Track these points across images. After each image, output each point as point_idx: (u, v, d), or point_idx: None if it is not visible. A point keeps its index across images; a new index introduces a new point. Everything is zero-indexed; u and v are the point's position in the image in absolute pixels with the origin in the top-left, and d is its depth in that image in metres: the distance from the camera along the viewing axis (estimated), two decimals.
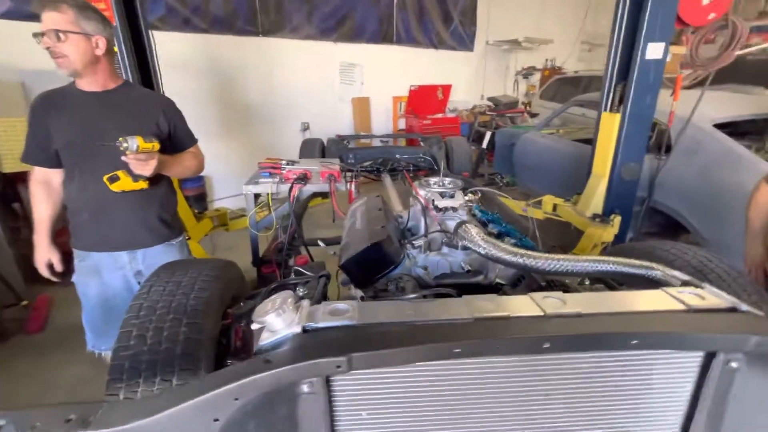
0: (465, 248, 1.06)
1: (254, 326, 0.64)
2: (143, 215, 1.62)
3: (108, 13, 1.97)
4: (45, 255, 1.58)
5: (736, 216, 2.29)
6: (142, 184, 1.51)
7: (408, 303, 0.73)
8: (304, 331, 0.61)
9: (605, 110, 2.61)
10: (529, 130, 4.80)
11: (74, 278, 1.64)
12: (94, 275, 1.60)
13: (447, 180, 1.30)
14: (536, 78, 9.40)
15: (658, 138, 2.76)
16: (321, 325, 0.61)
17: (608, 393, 0.65)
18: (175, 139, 1.66)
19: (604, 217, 2.61)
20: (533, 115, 6.95)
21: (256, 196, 1.97)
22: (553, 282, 0.95)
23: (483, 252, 0.91)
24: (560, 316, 0.62)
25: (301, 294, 1.24)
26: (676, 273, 0.80)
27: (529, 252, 0.87)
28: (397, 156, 4.16)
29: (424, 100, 6.50)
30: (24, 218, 3.30)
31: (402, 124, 6.90)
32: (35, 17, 3.68)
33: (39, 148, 1.49)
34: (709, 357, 0.63)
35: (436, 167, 4.21)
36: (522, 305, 0.66)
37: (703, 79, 2.47)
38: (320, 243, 1.53)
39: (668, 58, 2.34)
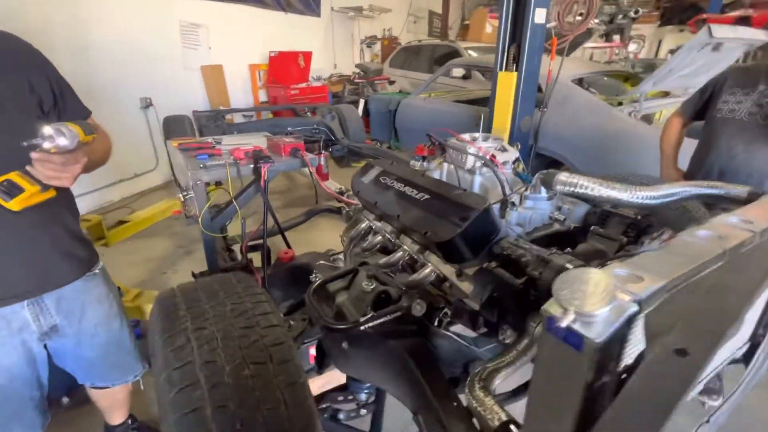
0: (550, 198, 1.04)
1: (566, 322, 0.48)
2: (52, 236, 1.02)
3: None
4: None
5: (599, 151, 2.95)
6: (52, 192, 0.93)
7: (653, 255, 0.66)
8: (639, 306, 0.48)
9: (501, 70, 2.91)
10: (404, 95, 5.00)
11: None
12: None
13: (479, 135, 1.23)
14: (378, 47, 9.80)
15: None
16: (646, 292, 0.50)
17: None
18: (65, 109, 1.07)
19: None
20: (391, 83, 7.27)
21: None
22: (642, 214, 1.02)
23: (598, 194, 0.90)
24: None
25: (371, 286, 1.01)
26: (738, 187, 0.97)
27: (638, 186, 0.91)
28: (290, 129, 3.76)
29: (285, 67, 5.98)
30: None
31: (264, 96, 6.23)
32: None
33: None
34: None
35: (333, 137, 4.00)
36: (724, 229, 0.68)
37: (564, 44, 2.99)
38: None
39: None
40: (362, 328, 0.90)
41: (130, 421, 1.50)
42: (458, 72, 6.16)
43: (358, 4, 8.48)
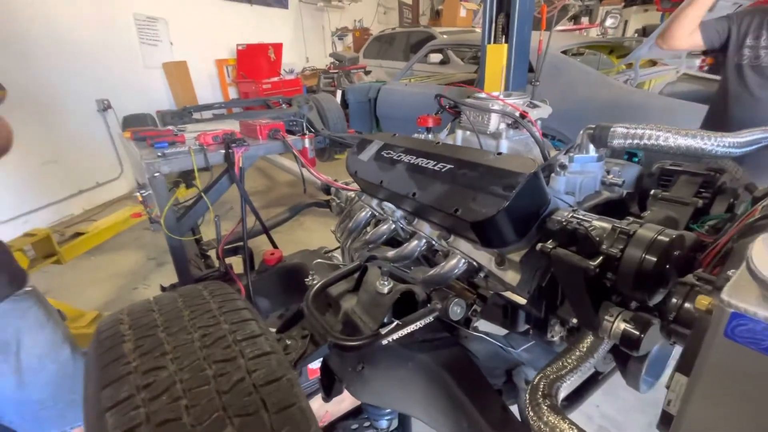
0: (600, 158, 0.83)
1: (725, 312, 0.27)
2: None
3: None
4: None
5: (592, 120, 2.81)
6: None
7: None
8: None
9: (489, 42, 2.71)
10: (382, 83, 4.77)
11: None
12: None
13: (501, 92, 1.02)
14: (350, 39, 9.53)
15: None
16: None
17: None
18: None
19: None
20: (367, 73, 7.01)
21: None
22: (714, 169, 0.83)
23: (673, 143, 0.70)
24: None
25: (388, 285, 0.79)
26: None
27: (708, 132, 0.72)
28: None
29: (255, 61, 5.65)
30: None
31: (234, 93, 5.88)
32: None
33: None
34: None
35: (312, 129, 3.73)
36: None
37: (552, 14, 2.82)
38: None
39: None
40: (384, 341, 0.67)
41: None
42: (435, 58, 5.98)
43: None
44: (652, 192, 0.84)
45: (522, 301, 0.77)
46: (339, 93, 5.53)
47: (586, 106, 2.82)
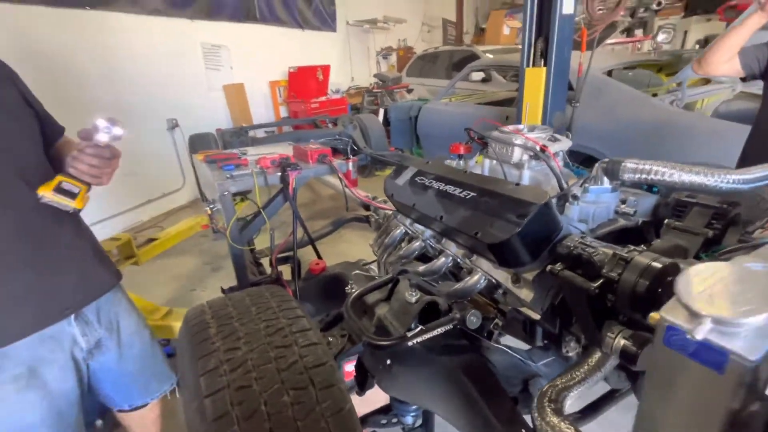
0: (614, 189, 0.91)
1: (702, 333, 0.36)
2: (90, 244, 1.01)
3: None
4: None
5: (639, 145, 2.77)
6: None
7: None
8: None
9: (528, 66, 2.79)
10: (424, 102, 4.93)
11: None
12: (27, 390, 0.87)
13: (524, 125, 1.13)
14: (394, 58, 9.85)
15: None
16: None
17: None
18: (45, 122, 1.03)
19: None
20: (409, 91, 7.23)
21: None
22: (728, 202, 0.89)
23: (677, 179, 0.78)
24: None
25: (416, 296, 0.91)
26: None
27: (724, 168, 0.78)
28: (312, 140, 3.75)
29: (305, 82, 6.04)
30: None
31: (284, 111, 6.31)
32: None
33: None
34: None
35: (356, 147, 3.95)
36: None
37: (594, 35, 2.85)
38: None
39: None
40: (409, 343, 0.79)
41: None
42: (477, 76, 6.07)
43: (373, 16, 8.56)
44: (665, 221, 0.90)
45: (536, 316, 0.86)
46: (381, 111, 5.78)
47: (628, 128, 2.79)
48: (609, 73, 3.21)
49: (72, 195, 0.88)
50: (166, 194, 4.60)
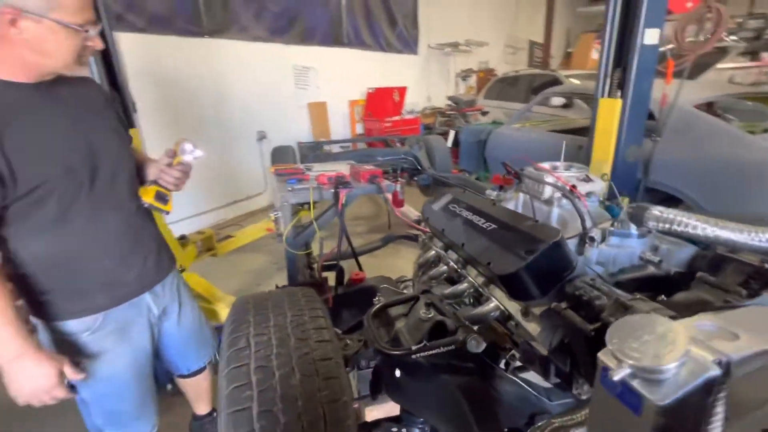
0: (642, 235, 0.91)
1: (620, 375, 0.41)
2: (159, 234, 1.26)
3: None
4: (55, 365, 0.96)
5: (732, 188, 2.48)
6: None
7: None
8: (726, 369, 0.39)
9: (602, 96, 2.67)
10: (497, 126, 4.90)
11: (91, 368, 1.09)
12: (120, 341, 1.13)
13: (562, 164, 1.15)
14: (473, 80, 9.86)
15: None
16: (740, 354, 0.40)
17: None
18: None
19: (611, 200, 2.67)
20: (484, 114, 7.20)
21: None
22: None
23: (707, 234, 0.76)
24: None
25: (429, 314, 0.99)
26: None
27: (758, 227, 0.75)
28: (379, 158, 3.96)
29: (381, 102, 6.38)
30: None
31: (360, 128, 6.71)
32: None
33: None
34: None
35: (419, 167, 4.09)
36: None
37: (684, 66, 2.64)
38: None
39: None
40: (414, 357, 0.87)
41: (214, 414, 1.66)
42: (558, 101, 5.84)
43: (455, 39, 8.73)
44: (698, 274, 0.86)
45: (543, 351, 0.88)
46: (452, 133, 5.86)
47: (719, 169, 2.52)
48: (709, 105, 2.92)
49: (165, 201, 1.14)
50: (250, 197, 5.17)
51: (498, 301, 0.96)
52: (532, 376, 1.06)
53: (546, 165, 1.14)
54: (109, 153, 1.07)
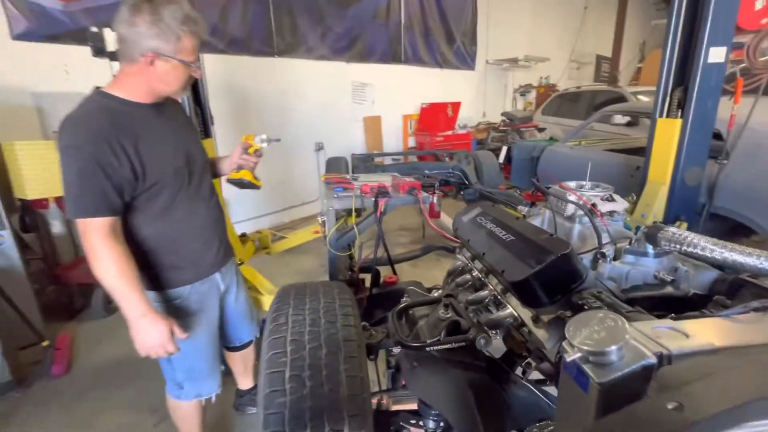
0: (658, 255, 0.93)
1: (572, 357, 0.49)
2: (225, 225, 1.52)
3: None
4: (167, 324, 1.19)
5: None
6: None
7: (730, 320, 0.59)
8: (663, 359, 0.46)
9: (660, 116, 2.57)
10: (550, 142, 4.79)
11: (172, 327, 1.28)
12: (200, 310, 1.39)
13: (588, 183, 1.19)
14: (532, 95, 9.63)
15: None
16: (680, 349, 0.46)
17: None
18: None
19: (667, 223, 2.53)
20: (541, 130, 7.03)
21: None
22: None
23: (713, 256, 0.79)
24: None
25: (447, 314, 1.08)
26: None
27: None
28: (426, 171, 4.07)
29: (434, 117, 6.50)
30: (42, 249, 3.04)
31: (412, 141, 6.87)
32: (51, 39, 3.44)
33: (123, 188, 1.14)
34: None
35: (467, 182, 4.13)
36: None
37: (757, 84, 2.47)
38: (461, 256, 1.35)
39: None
40: (429, 349, 0.97)
41: (255, 390, 1.87)
42: (621, 119, 5.57)
43: (514, 55, 8.64)
44: (715, 297, 0.87)
45: (552, 358, 0.93)
46: (504, 149, 5.80)
47: None
48: None
49: (256, 178, 1.50)
50: (305, 203, 5.53)
51: (513, 308, 1.03)
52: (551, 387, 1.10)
53: (571, 184, 1.19)
54: (198, 158, 1.36)
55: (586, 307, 0.84)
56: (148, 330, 1.15)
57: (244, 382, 1.86)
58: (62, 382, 2.36)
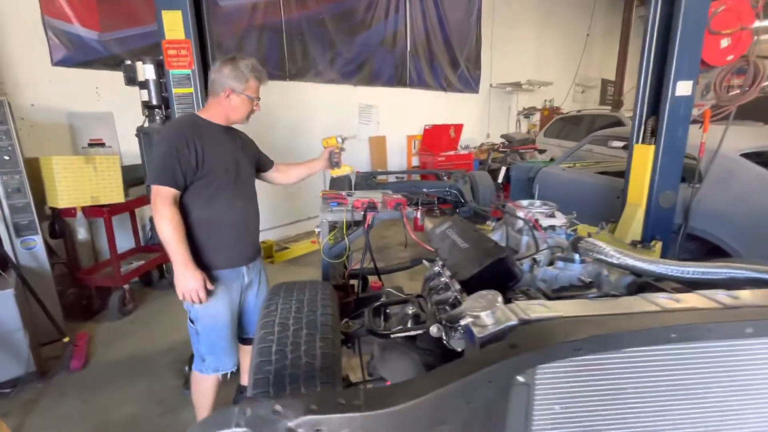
0: (583, 262, 1.13)
1: (464, 321, 0.69)
2: (258, 227, 1.80)
3: (189, 59, 2.14)
4: (200, 275, 1.52)
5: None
6: None
7: (593, 300, 0.78)
8: (523, 322, 0.66)
9: (637, 142, 2.77)
10: (546, 164, 5.00)
11: (205, 303, 1.57)
12: (226, 293, 1.66)
13: (538, 202, 1.40)
14: (536, 117, 9.88)
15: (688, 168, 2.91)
16: (536, 316, 0.66)
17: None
18: (258, 158, 1.96)
19: (644, 243, 2.69)
20: (541, 152, 7.24)
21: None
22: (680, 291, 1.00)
23: (616, 262, 0.98)
24: None
25: (412, 310, 1.28)
26: None
27: (666, 260, 0.94)
28: (425, 190, 4.30)
29: (437, 138, 6.77)
30: (66, 254, 3.32)
31: (416, 161, 7.14)
32: (85, 65, 3.85)
33: (187, 171, 1.52)
34: None
35: (462, 200, 4.35)
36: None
37: (726, 114, 2.66)
38: (425, 262, 1.57)
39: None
40: (392, 336, 1.17)
41: None
42: (618, 143, 5.76)
43: (517, 79, 8.95)
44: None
45: None
46: (503, 169, 6.02)
47: (763, 217, 2.46)
48: (758, 155, 2.84)
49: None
50: (310, 218, 5.78)
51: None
52: None
53: (523, 202, 1.40)
54: (245, 166, 1.73)
55: (512, 300, 1.03)
56: (186, 276, 1.48)
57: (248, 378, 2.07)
58: (80, 375, 2.58)
